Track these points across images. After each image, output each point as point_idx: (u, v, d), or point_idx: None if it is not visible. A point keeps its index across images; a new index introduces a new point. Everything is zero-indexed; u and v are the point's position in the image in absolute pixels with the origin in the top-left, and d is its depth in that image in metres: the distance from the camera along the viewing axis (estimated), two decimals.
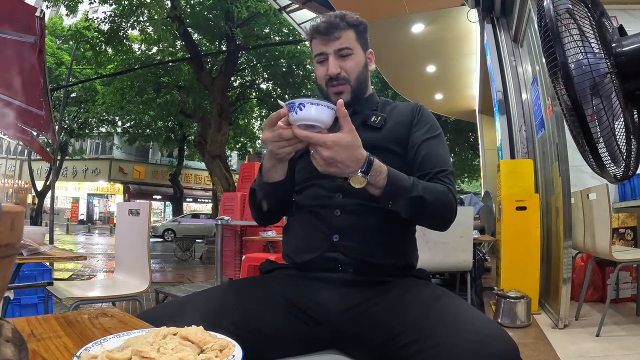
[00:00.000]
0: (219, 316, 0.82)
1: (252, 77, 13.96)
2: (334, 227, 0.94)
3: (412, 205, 0.88)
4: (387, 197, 0.86)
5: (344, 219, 0.95)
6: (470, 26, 5.53)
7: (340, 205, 0.96)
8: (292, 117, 0.80)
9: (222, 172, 10.18)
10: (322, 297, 0.90)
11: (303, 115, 0.79)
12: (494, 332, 0.69)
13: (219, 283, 3.65)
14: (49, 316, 0.66)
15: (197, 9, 11.41)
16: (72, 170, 24.25)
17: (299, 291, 0.92)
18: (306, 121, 0.80)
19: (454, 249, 2.66)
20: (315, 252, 0.94)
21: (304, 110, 0.79)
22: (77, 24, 12.05)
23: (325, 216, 0.96)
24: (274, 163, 0.93)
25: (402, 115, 1.06)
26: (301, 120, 0.80)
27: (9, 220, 0.38)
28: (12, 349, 0.38)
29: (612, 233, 2.88)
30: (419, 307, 0.80)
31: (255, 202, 1.05)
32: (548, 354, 2.20)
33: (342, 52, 1.03)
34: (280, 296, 0.91)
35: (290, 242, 1.03)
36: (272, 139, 0.84)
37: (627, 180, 1.37)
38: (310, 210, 1.00)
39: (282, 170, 0.95)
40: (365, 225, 0.94)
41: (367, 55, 1.08)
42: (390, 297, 0.87)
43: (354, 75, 1.04)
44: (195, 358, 0.43)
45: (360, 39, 1.06)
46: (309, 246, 0.96)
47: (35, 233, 1.92)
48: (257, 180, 1.02)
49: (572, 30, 0.99)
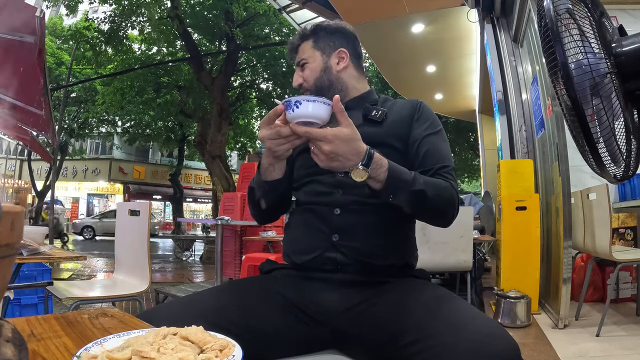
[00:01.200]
0: (219, 316, 0.82)
1: (252, 77, 13.96)
2: (333, 226, 0.94)
3: (414, 200, 0.87)
4: (388, 190, 0.86)
5: (343, 218, 0.95)
6: (470, 26, 5.53)
7: (340, 204, 0.96)
8: (289, 115, 0.81)
9: (222, 172, 10.18)
10: (322, 297, 0.90)
11: (300, 113, 0.80)
12: (495, 332, 0.69)
13: (219, 283, 3.65)
14: (49, 316, 0.66)
15: (197, 8, 11.41)
16: (72, 170, 24.22)
17: (299, 291, 0.92)
18: (304, 118, 0.81)
19: (454, 249, 2.66)
20: (315, 252, 0.94)
21: (301, 107, 0.80)
22: (77, 24, 12.06)
23: (324, 214, 0.96)
24: (272, 161, 0.94)
25: (403, 111, 1.05)
26: (299, 118, 0.81)
27: (9, 220, 0.38)
28: (12, 349, 0.38)
29: (612, 233, 2.88)
30: (420, 306, 0.80)
31: (254, 200, 1.05)
32: (548, 354, 2.20)
33: (300, 63, 1.10)
34: (280, 296, 0.91)
35: (290, 242, 1.03)
36: (270, 137, 0.85)
37: (627, 180, 1.37)
38: (309, 209, 1.00)
39: (280, 168, 0.96)
40: (365, 225, 0.94)
41: (332, 56, 1.08)
42: (390, 297, 0.86)
43: (311, 82, 1.07)
44: (195, 358, 0.43)
45: (319, 44, 1.09)
46: (309, 246, 0.95)
47: (35, 233, 1.92)
48: (256, 179, 1.02)
49: (572, 30, 0.99)
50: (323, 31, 1.10)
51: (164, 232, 19.51)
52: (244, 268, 3.67)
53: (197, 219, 21.61)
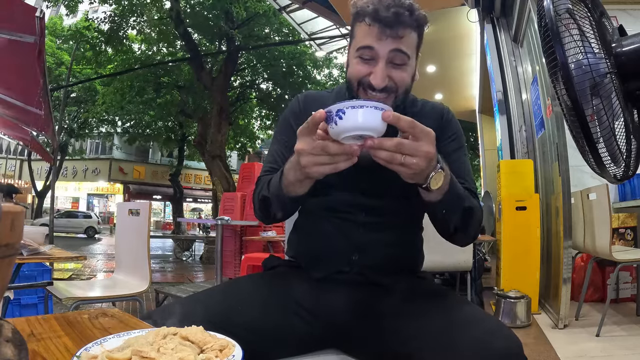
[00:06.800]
0: (220, 316, 0.82)
1: (252, 77, 13.96)
2: (356, 245, 0.90)
3: (464, 217, 0.80)
4: (445, 203, 0.76)
5: (367, 238, 0.90)
6: (470, 26, 5.53)
7: (363, 222, 0.90)
8: (332, 130, 0.63)
9: (222, 172, 10.18)
10: (325, 296, 0.89)
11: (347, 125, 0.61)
12: (498, 330, 0.69)
13: (219, 283, 3.65)
14: (49, 316, 0.66)
15: (197, 9, 11.42)
16: (72, 170, 24.23)
17: (303, 290, 0.91)
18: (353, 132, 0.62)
19: (454, 249, 2.63)
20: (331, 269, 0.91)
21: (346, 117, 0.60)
22: (77, 24, 12.09)
23: (347, 232, 0.89)
24: (302, 178, 0.75)
25: (433, 119, 0.95)
26: (347, 132, 0.62)
27: (9, 220, 0.38)
28: (12, 349, 0.38)
29: (612, 233, 2.87)
30: (423, 305, 0.80)
31: (266, 210, 0.90)
32: (548, 354, 2.20)
33: (397, 58, 0.82)
34: (282, 295, 0.90)
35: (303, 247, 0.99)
36: (311, 152, 0.67)
37: (627, 180, 1.37)
38: (328, 220, 0.92)
39: (308, 185, 0.78)
40: (386, 243, 0.91)
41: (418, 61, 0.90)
42: (393, 296, 0.86)
43: (402, 90, 0.85)
44: (195, 358, 0.43)
45: (419, 44, 0.87)
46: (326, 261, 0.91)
47: (35, 233, 1.92)
48: (274, 190, 0.84)
49: (572, 30, 0.99)
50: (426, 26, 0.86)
51: (164, 232, 19.56)
52: (243, 268, 3.67)
53: (196, 219, 21.60)
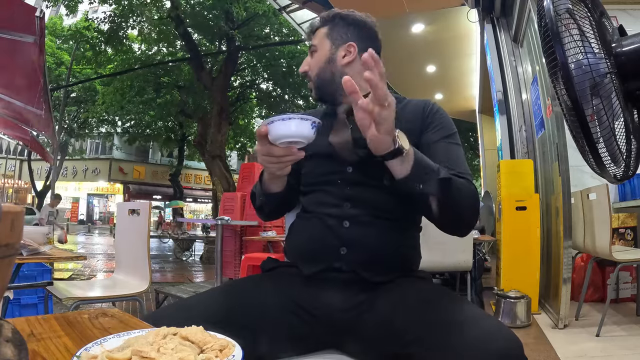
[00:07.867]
0: (220, 316, 0.82)
1: (252, 77, 13.97)
2: (342, 239, 0.91)
3: (442, 187, 0.81)
4: (417, 174, 0.80)
5: (353, 231, 0.91)
6: (470, 26, 5.53)
7: (349, 216, 0.92)
8: (271, 136, 0.77)
9: (222, 172, 10.18)
10: (324, 296, 0.89)
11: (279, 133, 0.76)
12: (498, 330, 0.69)
13: (219, 283, 3.65)
14: (49, 316, 0.65)
15: (197, 9, 11.42)
16: (72, 170, 24.24)
17: (300, 290, 0.91)
18: (285, 139, 0.77)
19: (453, 249, 2.66)
20: (322, 265, 0.92)
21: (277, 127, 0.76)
22: (77, 24, 12.09)
23: (333, 227, 0.93)
24: (271, 177, 0.93)
25: (414, 114, 1.00)
26: (279, 139, 0.77)
27: (9, 220, 0.38)
28: (12, 349, 0.38)
29: (612, 233, 2.87)
30: (422, 305, 0.80)
31: (256, 204, 1.08)
32: (548, 354, 2.20)
33: (311, 49, 1.05)
34: (281, 295, 0.91)
35: (295, 247, 1.01)
36: (262, 153, 0.82)
37: (627, 180, 1.37)
38: (317, 217, 0.96)
39: (280, 182, 0.96)
40: (373, 237, 0.91)
41: (341, 48, 1.02)
42: (392, 296, 0.86)
43: (314, 72, 1.04)
44: (195, 358, 0.43)
45: (332, 33, 1.03)
46: (316, 258, 0.93)
47: (35, 233, 1.92)
48: (257, 186, 1.02)
49: (572, 30, 0.99)
50: (341, 21, 1.05)
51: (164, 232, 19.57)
52: (243, 268, 3.67)
53: (196, 219, 21.61)
